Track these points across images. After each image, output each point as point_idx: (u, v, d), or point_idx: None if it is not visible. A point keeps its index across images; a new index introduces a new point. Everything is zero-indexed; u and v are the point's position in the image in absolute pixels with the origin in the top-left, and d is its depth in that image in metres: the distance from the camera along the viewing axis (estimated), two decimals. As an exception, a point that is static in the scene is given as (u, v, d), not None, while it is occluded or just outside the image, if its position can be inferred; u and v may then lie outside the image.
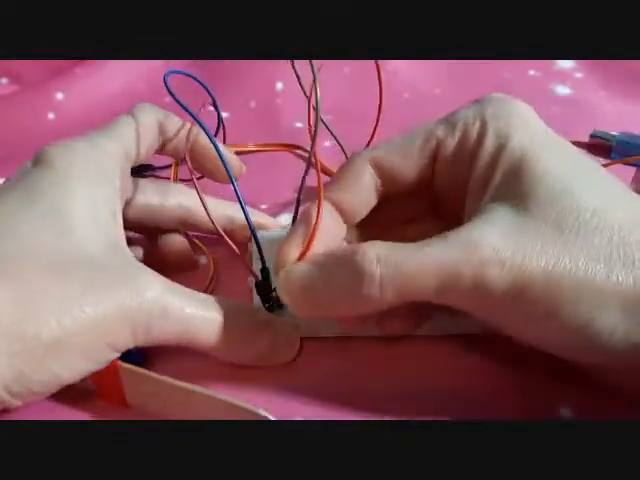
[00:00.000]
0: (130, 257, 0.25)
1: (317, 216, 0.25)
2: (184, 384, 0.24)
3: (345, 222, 0.26)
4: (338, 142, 0.33)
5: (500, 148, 0.24)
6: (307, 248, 0.24)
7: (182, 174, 0.35)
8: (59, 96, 0.45)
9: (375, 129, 0.36)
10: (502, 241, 0.22)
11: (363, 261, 0.22)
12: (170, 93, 0.28)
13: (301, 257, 0.24)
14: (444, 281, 0.22)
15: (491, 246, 0.22)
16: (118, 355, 0.24)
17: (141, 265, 0.25)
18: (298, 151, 0.41)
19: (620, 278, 0.21)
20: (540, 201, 0.22)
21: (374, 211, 0.27)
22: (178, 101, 0.28)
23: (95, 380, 0.25)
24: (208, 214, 0.27)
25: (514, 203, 0.23)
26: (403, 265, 0.22)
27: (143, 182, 0.30)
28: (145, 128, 0.29)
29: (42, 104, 0.44)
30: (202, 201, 0.27)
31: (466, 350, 0.27)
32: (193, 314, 0.24)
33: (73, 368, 0.22)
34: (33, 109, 0.44)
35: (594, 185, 0.23)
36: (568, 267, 0.21)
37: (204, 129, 0.28)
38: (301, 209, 0.26)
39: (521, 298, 0.21)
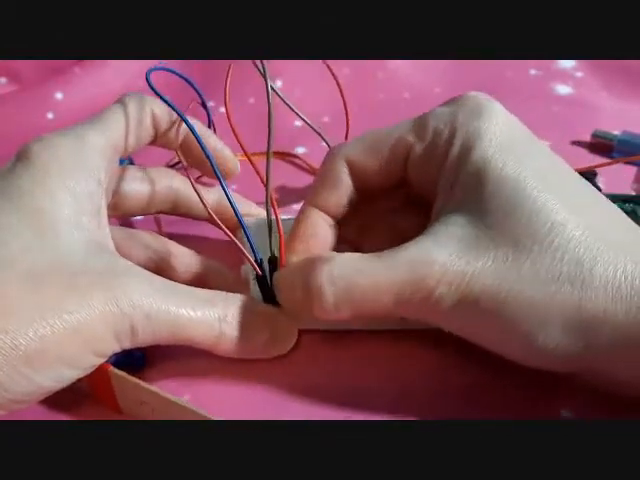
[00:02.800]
0: (114, 256, 0.25)
1: (279, 227, 0.26)
2: (168, 395, 0.24)
3: (333, 219, 0.27)
4: (326, 142, 0.33)
5: (464, 157, 0.24)
6: (282, 258, 0.26)
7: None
8: (58, 96, 0.45)
9: (347, 133, 0.36)
10: (451, 260, 0.22)
11: (317, 283, 0.23)
12: (153, 90, 0.27)
13: (281, 263, 0.26)
14: (396, 300, 0.23)
15: (439, 265, 0.22)
16: (104, 360, 0.23)
17: (125, 265, 0.24)
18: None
19: (565, 298, 0.21)
20: (497, 215, 0.23)
21: (362, 203, 0.27)
22: (162, 98, 0.27)
23: (90, 384, 0.25)
24: (198, 193, 0.27)
25: (472, 216, 0.23)
26: (356, 285, 0.23)
27: (129, 170, 0.30)
28: (136, 119, 0.28)
29: (41, 104, 0.44)
30: (191, 182, 0.27)
31: (467, 349, 0.27)
32: (182, 315, 0.24)
33: (56, 377, 0.22)
34: (32, 109, 0.44)
35: (559, 194, 0.23)
36: (514, 286, 0.22)
37: (191, 128, 0.27)
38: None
39: (468, 313, 0.22)
